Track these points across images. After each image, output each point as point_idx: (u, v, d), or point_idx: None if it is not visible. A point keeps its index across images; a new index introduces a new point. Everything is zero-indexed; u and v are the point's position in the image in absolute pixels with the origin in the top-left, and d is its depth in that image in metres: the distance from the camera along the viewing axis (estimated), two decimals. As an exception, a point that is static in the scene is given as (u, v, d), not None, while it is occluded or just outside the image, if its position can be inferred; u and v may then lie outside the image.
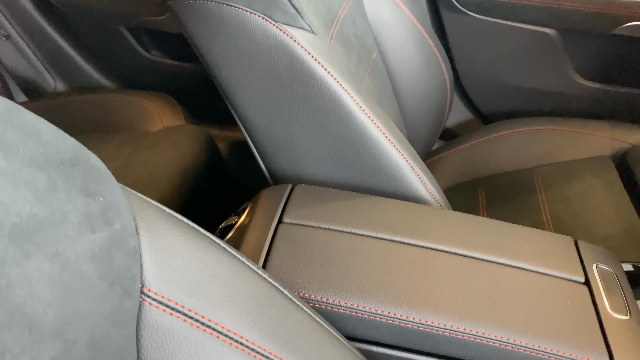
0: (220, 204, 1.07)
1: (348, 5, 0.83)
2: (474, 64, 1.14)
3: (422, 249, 0.50)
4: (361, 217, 0.52)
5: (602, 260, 0.52)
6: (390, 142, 0.58)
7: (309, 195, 0.55)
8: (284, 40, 0.54)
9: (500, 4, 1.03)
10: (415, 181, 0.60)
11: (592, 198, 0.88)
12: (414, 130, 1.02)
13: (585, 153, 0.98)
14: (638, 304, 0.61)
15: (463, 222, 0.55)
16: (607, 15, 0.99)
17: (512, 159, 1.03)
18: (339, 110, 0.56)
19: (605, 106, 1.10)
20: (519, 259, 0.50)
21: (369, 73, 0.86)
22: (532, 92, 1.13)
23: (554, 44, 1.05)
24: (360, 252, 0.48)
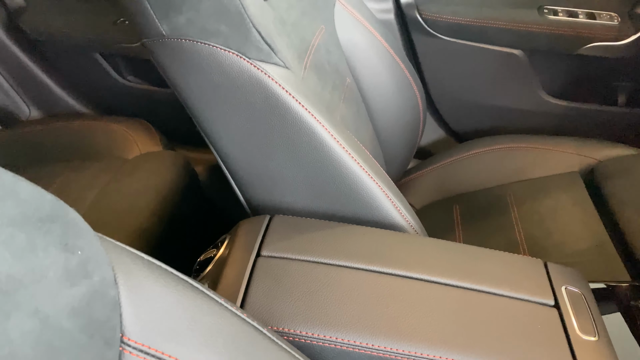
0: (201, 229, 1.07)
1: (321, 33, 0.85)
2: (446, 84, 1.17)
3: (399, 277, 0.51)
4: (338, 248, 0.53)
5: (570, 281, 0.54)
6: (364, 170, 0.59)
7: (286, 227, 0.56)
8: (258, 77, 0.55)
9: (469, 26, 1.06)
10: (390, 208, 0.61)
11: (562, 215, 0.91)
12: (389, 151, 1.04)
13: (555, 170, 1.01)
14: (610, 317, 0.63)
15: (437, 249, 0.56)
16: (570, 36, 1.03)
17: (485, 177, 1.05)
18: (313, 141, 0.57)
19: (573, 123, 1.14)
20: (492, 284, 0.51)
21: (344, 99, 0.87)
22: (503, 111, 1.17)
23: (522, 64, 1.09)
24: (338, 283, 0.49)
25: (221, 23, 0.54)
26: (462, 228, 0.98)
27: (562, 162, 1.02)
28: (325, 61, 0.84)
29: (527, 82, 1.11)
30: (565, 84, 1.13)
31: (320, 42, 0.84)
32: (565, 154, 1.03)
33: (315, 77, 0.78)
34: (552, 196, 0.95)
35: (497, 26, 1.05)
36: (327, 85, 0.81)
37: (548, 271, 0.55)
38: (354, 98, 0.92)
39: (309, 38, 0.81)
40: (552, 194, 0.96)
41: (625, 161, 0.97)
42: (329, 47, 0.87)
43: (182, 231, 0.97)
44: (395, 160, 1.07)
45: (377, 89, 0.97)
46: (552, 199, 0.95)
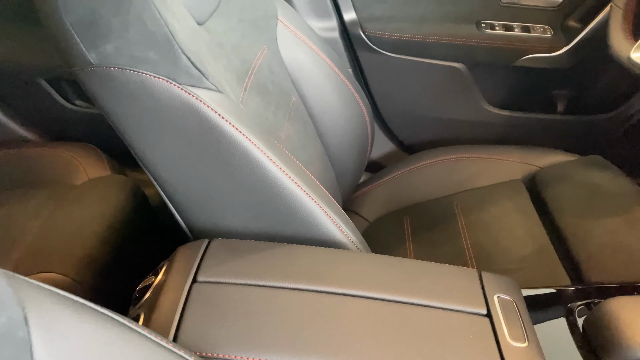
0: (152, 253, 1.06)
1: (264, 53, 0.86)
2: (393, 98, 1.20)
3: (335, 295, 0.52)
4: (276, 269, 0.54)
5: (503, 290, 0.55)
6: (301, 189, 0.60)
7: (224, 250, 0.56)
8: (190, 101, 0.55)
9: (411, 42, 1.09)
10: (330, 225, 0.62)
11: (506, 222, 0.94)
12: (340, 166, 1.06)
13: (499, 178, 1.04)
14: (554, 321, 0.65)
15: (374, 265, 0.57)
16: (507, 49, 1.08)
17: (433, 188, 1.08)
18: (249, 164, 0.58)
19: (516, 132, 1.18)
20: (426, 297, 0.53)
21: (289, 117, 0.88)
22: (449, 123, 1.20)
23: (464, 77, 1.13)
24: (274, 305, 0.50)
25: (149, 50, 0.54)
26: (413, 239, 1.00)
27: (505, 171, 1.05)
28: (268, 81, 0.85)
29: (470, 94, 1.15)
30: (507, 94, 1.17)
31: (263, 63, 0.85)
32: (508, 163, 1.06)
33: (258, 98, 0.79)
34: (497, 204, 0.98)
35: (438, 41, 1.08)
36: (270, 105, 0.82)
37: (482, 281, 0.56)
38: (300, 116, 0.93)
39: (251, 59, 0.81)
40: (497, 202, 0.99)
41: (564, 167, 1.01)
42: (272, 67, 0.88)
43: (131, 257, 0.95)
44: (347, 174, 1.09)
45: (324, 107, 0.99)
46: (497, 206, 0.98)
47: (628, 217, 0.86)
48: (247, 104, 0.74)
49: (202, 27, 0.70)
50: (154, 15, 0.53)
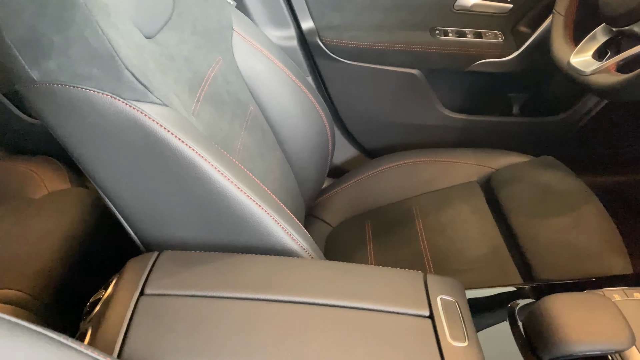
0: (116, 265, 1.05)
1: (218, 64, 0.87)
2: (353, 104, 1.22)
3: (282, 303, 0.53)
4: (224, 279, 0.55)
5: (446, 291, 0.57)
6: (251, 199, 0.61)
7: (173, 262, 0.57)
8: (135, 116, 0.56)
9: (367, 50, 1.11)
10: (281, 234, 0.63)
11: (462, 223, 0.97)
12: (302, 173, 1.07)
13: (455, 180, 1.07)
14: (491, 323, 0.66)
15: (322, 271, 0.59)
16: (461, 55, 1.11)
17: (393, 191, 1.10)
18: (196, 176, 0.58)
19: (472, 135, 1.21)
20: (371, 301, 0.54)
21: (246, 127, 0.89)
22: (408, 127, 1.23)
23: (421, 82, 1.15)
24: (221, 315, 0.50)
25: (93, 67, 0.54)
26: (373, 243, 1.02)
27: (462, 173, 1.08)
28: (224, 91, 0.86)
29: (427, 99, 1.17)
30: (463, 98, 1.20)
31: (218, 73, 0.86)
32: (465, 165, 1.09)
33: (212, 108, 0.80)
34: (453, 206, 1.01)
35: (393, 49, 1.11)
36: (225, 115, 0.83)
37: (426, 283, 0.58)
38: (258, 125, 0.94)
39: (204, 70, 0.82)
40: (453, 203, 1.01)
41: (518, 168, 1.04)
42: (228, 77, 0.89)
43: (92, 270, 0.95)
44: (309, 181, 1.10)
45: (283, 115, 1.00)
46: (453, 208, 1.00)
47: (576, 216, 0.89)
48: (199, 115, 0.74)
49: (152, 41, 0.71)
50: (96, 32, 0.54)
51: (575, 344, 0.51)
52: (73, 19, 0.54)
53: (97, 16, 0.54)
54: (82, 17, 0.54)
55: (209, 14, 0.89)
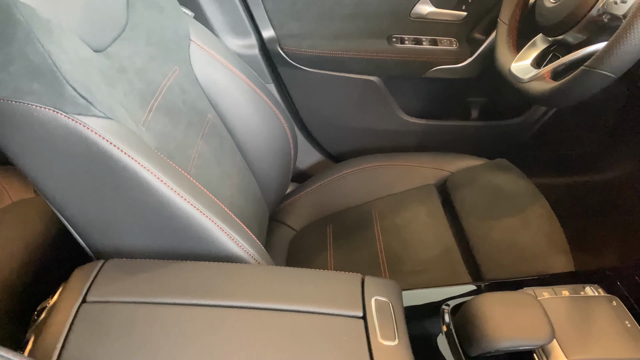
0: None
1: (174, 74, 0.89)
2: (316, 111, 1.24)
3: (221, 308, 0.55)
4: (165, 285, 0.57)
5: (382, 292, 0.60)
6: (195, 208, 0.63)
7: (118, 270, 0.59)
8: (77, 129, 0.58)
9: (326, 58, 1.14)
10: (226, 241, 0.65)
11: (417, 225, 1.00)
12: (264, 179, 1.09)
13: (413, 184, 1.10)
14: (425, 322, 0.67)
15: (263, 276, 0.61)
16: (416, 62, 1.14)
17: (354, 195, 1.13)
18: (140, 186, 0.60)
19: (432, 139, 1.25)
20: (307, 303, 0.56)
21: (204, 134, 0.91)
22: (369, 132, 1.26)
23: (380, 89, 1.18)
24: (159, 321, 0.52)
25: (34, 82, 0.56)
26: (333, 246, 1.04)
27: (420, 176, 1.11)
28: (179, 101, 0.88)
29: (386, 105, 1.20)
30: (423, 104, 1.24)
31: (174, 83, 0.88)
32: (423, 169, 1.12)
33: (166, 118, 0.82)
34: (410, 209, 1.04)
35: (352, 56, 1.14)
36: (180, 124, 0.85)
37: (363, 285, 0.61)
38: (217, 132, 0.96)
39: (159, 80, 0.84)
40: (410, 206, 1.04)
41: (472, 171, 1.07)
42: (185, 86, 0.91)
43: (53, 279, 0.96)
44: (272, 186, 1.12)
45: (242, 123, 1.02)
46: (410, 211, 1.03)
47: (523, 217, 0.92)
48: (151, 125, 0.76)
49: (102, 54, 0.72)
50: (36, 48, 0.56)
51: (498, 340, 0.54)
52: (14, 35, 0.55)
53: (38, 33, 0.56)
54: (23, 34, 0.55)
55: (164, 25, 0.90)
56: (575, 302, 0.62)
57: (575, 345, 0.56)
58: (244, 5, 1.10)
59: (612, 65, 0.62)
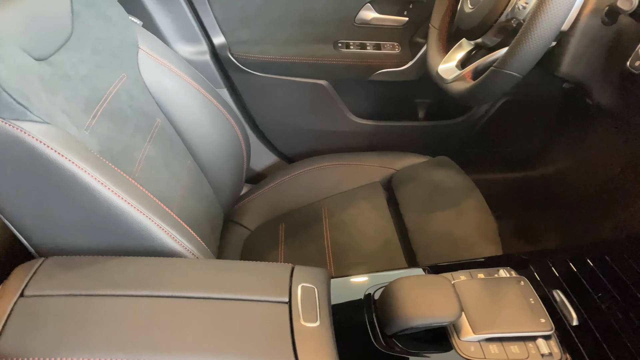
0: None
1: (122, 80, 0.92)
2: (269, 114, 1.29)
3: (150, 298, 0.59)
4: (101, 279, 0.60)
5: (309, 279, 0.64)
6: (133, 207, 0.67)
7: (57, 267, 0.62)
8: (15, 134, 0.61)
9: (276, 63, 1.19)
10: (164, 237, 0.69)
11: (362, 220, 1.04)
12: (216, 180, 1.13)
13: (361, 182, 1.15)
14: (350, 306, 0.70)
15: (197, 268, 0.65)
16: (361, 66, 1.19)
17: (306, 194, 1.17)
18: (78, 187, 0.64)
19: (380, 139, 1.30)
20: (236, 292, 0.61)
21: (152, 138, 0.94)
22: (321, 134, 1.30)
23: (329, 92, 1.23)
24: (93, 311, 0.56)
25: (-29, 90, 0.59)
26: (285, 244, 1.08)
27: (367, 175, 1.16)
28: (126, 106, 0.91)
29: (336, 108, 1.25)
30: (368, 106, 1.29)
31: (121, 89, 0.91)
32: (370, 167, 1.18)
33: (111, 123, 0.85)
34: (356, 205, 1.09)
35: (300, 61, 1.18)
36: (126, 129, 0.88)
37: (292, 274, 0.65)
38: (166, 136, 1.00)
39: (105, 87, 0.87)
40: (356, 203, 1.09)
41: (415, 169, 1.13)
42: (132, 92, 0.94)
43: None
44: (225, 187, 1.16)
45: (193, 126, 1.06)
46: (356, 208, 1.08)
47: (458, 209, 0.98)
48: (95, 130, 0.79)
49: (45, 62, 0.76)
50: (-27, 57, 0.59)
51: (411, 318, 0.59)
52: (-48, 46, 0.59)
53: (-25, 43, 0.60)
54: (-41, 44, 0.59)
55: (112, 34, 0.94)
56: (487, 283, 0.67)
57: (482, 321, 0.61)
58: (193, 13, 1.14)
59: (516, 65, 0.68)
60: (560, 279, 0.70)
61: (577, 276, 0.70)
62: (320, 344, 0.57)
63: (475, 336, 0.60)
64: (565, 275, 0.70)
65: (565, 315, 0.64)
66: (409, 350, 0.61)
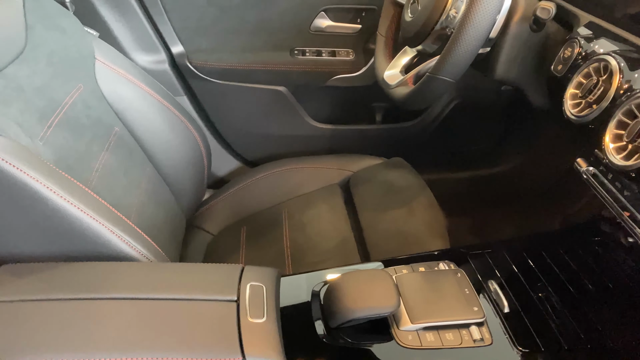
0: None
1: (78, 91, 0.94)
2: (230, 120, 1.31)
3: (99, 300, 0.61)
4: (51, 284, 0.62)
5: (258, 278, 0.67)
6: (86, 214, 0.69)
7: (10, 274, 0.64)
8: (-35, 146, 0.63)
9: (235, 70, 1.22)
10: (117, 243, 0.71)
11: (320, 221, 1.08)
12: (177, 186, 1.15)
13: (320, 184, 1.18)
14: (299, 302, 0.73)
15: (149, 271, 0.68)
16: (317, 72, 1.23)
17: (267, 198, 1.20)
18: (30, 196, 0.66)
19: (339, 143, 1.34)
20: (185, 292, 0.63)
21: (109, 147, 0.96)
22: (281, 138, 1.34)
23: (287, 98, 1.27)
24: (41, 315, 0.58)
25: None
26: (246, 247, 1.11)
27: (326, 177, 1.20)
28: (83, 116, 0.93)
29: (295, 113, 1.29)
30: (326, 111, 1.33)
31: (77, 99, 0.93)
32: (329, 170, 1.21)
33: (67, 133, 0.87)
34: (315, 207, 1.12)
35: (258, 68, 1.22)
36: (83, 138, 0.90)
37: (242, 273, 0.68)
38: (124, 144, 1.02)
39: (61, 98, 0.89)
40: (315, 205, 1.13)
41: (371, 170, 1.17)
42: (89, 102, 0.96)
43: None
44: (186, 193, 1.18)
45: (151, 134, 1.08)
46: (315, 209, 1.12)
47: (409, 208, 1.02)
48: (49, 140, 0.81)
49: (-3, 75, 0.77)
50: None
51: (352, 310, 0.62)
52: None
53: None
54: None
55: (67, 45, 0.96)
56: (426, 275, 0.71)
57: (420, 312, 0.65)
58: (151, 23, 1.16)
59: (447, 70, 0.72)
60: (496, 271, 0.75)
61: (512, 268, 0.75)
62: (266, 338, 0.60)
63: (413, 325, 0.64)
64: (502, 268, 0.75)
65: (497, 303, 0.69)
66: (352, 342, 0.65)
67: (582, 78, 0.69)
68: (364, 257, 0.98)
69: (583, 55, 0.71)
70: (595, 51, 0.70)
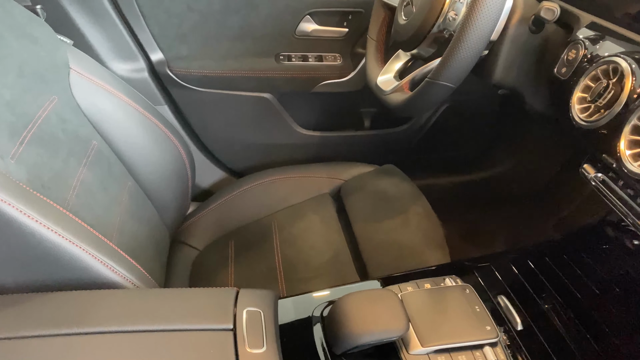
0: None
1: (52, 104, 0.88)
2: (213, 129, 1.26)
3: (81, 335, 0.55)
4: (26, 319, 0.56)
5: (254, 303, 0.62)
6: (63, 238, 0.63)
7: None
8: None
9: (217, 77, 1.17)
10: (100, 268, 0.66)
11: (311, 234, 1.04)
12: (160, 200, 1.09)
13: (310, 194, 1.14)
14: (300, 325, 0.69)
15: (136, 299, 0.62)
16: (304, 78, 1.19)
17: (255, 209, 1.15)
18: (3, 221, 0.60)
19: (328, 150, 1.30)
20: (177, 322, 0.58)
21: (87, 162, 0.90)
22: (268, 147, 1.29)
23: (273, 105, 1.22)
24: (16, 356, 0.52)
25: None
26: (235, 262, 1.06)
27: (315, 187, 1.15)
28: (58, 130, 0.87)
29: (282, 120, 1.24)
30: (313, 118, 1.29)
31: (51, 113, 0.87)
32: (318, 179, 1.17)
33: (41, 149, 0.81)
34: (306, 218, 1.08)
35: (242, 75, 1.17)
36: (59, 154, 0.84)
37: (237, 297, 0.63)
38: (104, 158, 0.96)
39: (33, 112, 0.83)
40: (306, 216, 1.08)
41: (363, 178, 1.13)
42: (64, 115, 0.90)
43: None
44: (170, 208, 1.12)
45: (132, 146, 1.02)
46: (306, 221, 1.07)
47: (404, 217, 0.99)
48: (22, 157, 0.75)
49: (-39, 89, 0.71)
50: None
51: (359, 336, 0.58)
52: None
53: None
54: None
55: (39, 56, 0.89)
56: (433, 293, 0.67)
57: (430, 334, 0.61)
58: (128, 30, 1.10)
59: (448, 76, 0.69)
60: (504, 283, 0.71)
61: (519, 279, 0.72)
62: (267, 370, 0.55)
63: (424, 349, 0.60)
64: (509, 279, 0.72)
65: (510, 320, 0.65)
66: (358, 368, 0.61)
67: (589, 81, 0.66)
68: (359, 270, 0.93)
69: (589, 58, 0.68)
70: (600, 53, 0.67)
